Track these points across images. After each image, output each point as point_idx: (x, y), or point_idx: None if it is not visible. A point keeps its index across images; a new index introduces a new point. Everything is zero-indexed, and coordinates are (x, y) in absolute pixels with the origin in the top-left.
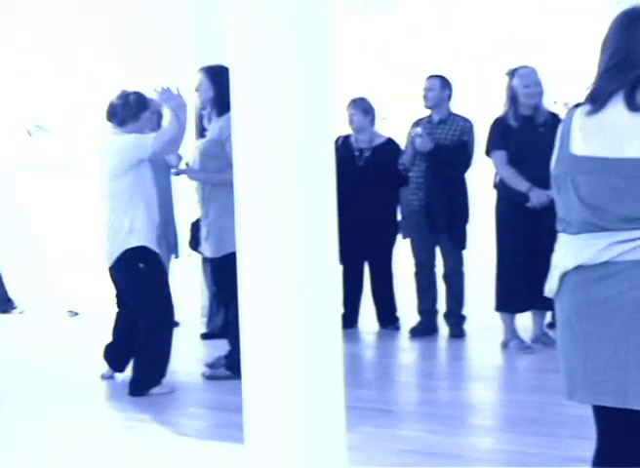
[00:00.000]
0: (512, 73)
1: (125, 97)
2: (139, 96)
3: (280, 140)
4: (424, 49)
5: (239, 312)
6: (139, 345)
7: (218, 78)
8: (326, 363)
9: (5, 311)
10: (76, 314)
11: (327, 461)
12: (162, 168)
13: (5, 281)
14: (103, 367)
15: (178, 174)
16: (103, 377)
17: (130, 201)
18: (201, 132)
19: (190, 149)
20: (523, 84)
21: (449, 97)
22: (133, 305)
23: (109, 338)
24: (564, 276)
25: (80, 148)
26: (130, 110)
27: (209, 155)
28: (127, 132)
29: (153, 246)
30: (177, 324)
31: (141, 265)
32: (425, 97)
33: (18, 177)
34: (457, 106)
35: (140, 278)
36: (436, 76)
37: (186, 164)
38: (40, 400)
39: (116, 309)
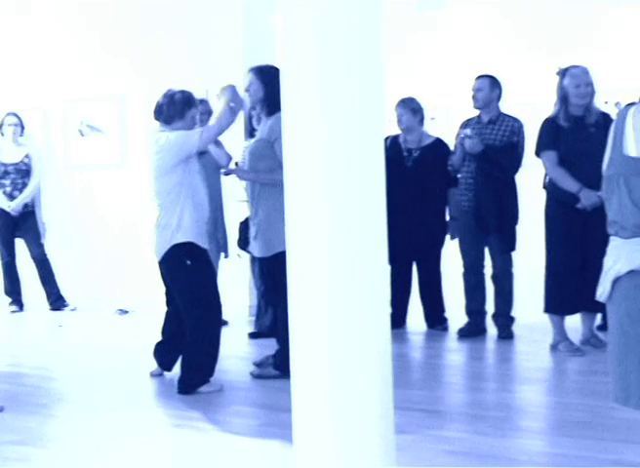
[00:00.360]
0: (563, 73)
1: (171, 95)
2: (184, 94)
3: (330, 141)
4: (474, 48)
5: (288, 312)
6: (186, 344)
7: (268, 78)
8: (374, 363)
9: (57, 308)
10: (125, 312)
11: (375, 461)
12: (212, 168)
13: (57, 279)
14: (153, 365)
15: (227, 173)
16: (153, 375)
17: (178, 198)
18: (250, 132)
19: (240, 149)
20: (574, 84)
21: (498, 97)
22: (179, 302)
23: (159, 337)
24: (616, 281)
25: (130, 147)
26: (175, 108)
27: (258, 155)
28: (173, 129)
29: (201, 243)
30: (225, 323)
31: (188, 262)
32: (474, 98)
33: (69, 176)
34: (506, 106)
35: (186, 275)
36: (485, 76)
37: (236, 163)
38: (90, 397)
39: (166, 307)
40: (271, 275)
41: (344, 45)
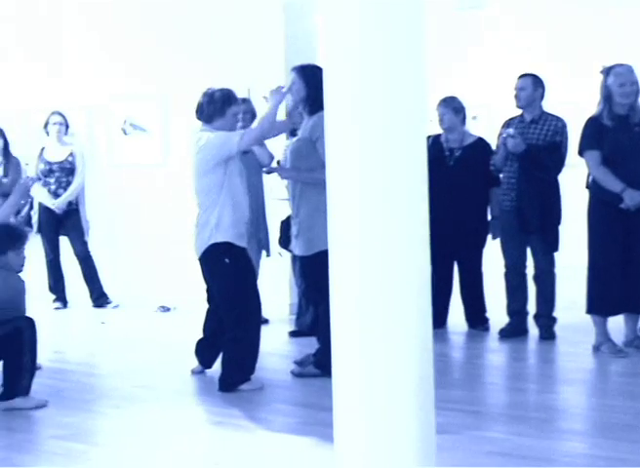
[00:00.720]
0: (607, 71)
1: (210, 94)
2: (224, 92)
3: (372, 140)
4: (516, 46)
5: (329, 311)
6: (225, 342)
7: (310, 77)
8: (416, 363)
9: (100, 305)
10: (167, 310)
11: (415, 461)
12: (254, 166)
13: (100, 276)
14: (194, 362)
15: (269, 172)
16: (194, 373)
17: (217, 197)
18: (292, 131)
19: (281, 148)
20: (618, 82)
21: (541, 96)
22: (218, 300)
23: (200, 334)
24: None
25: (173, 146)
26: (215, 107)
27: (300, 154)
28: (215, 128)
29: (239, 242)
30: (266, 321)
31: (227, 260)
32: (517, 97)
33: (112, 175)
34: (549, 105)
35: (225, 273)
36: (528, 75)
37: (277, 162)
38: (132, 393)
39: (207, 305)
40: (312, 274)
41: (386, 44)
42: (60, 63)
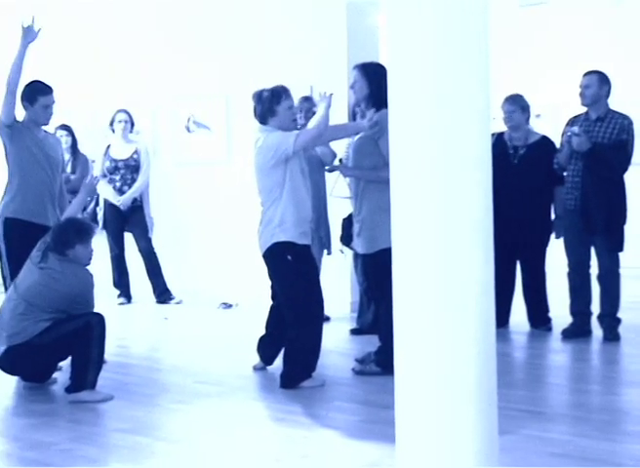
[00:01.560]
0: None
1: (258, 95)
2: (271, 91)
3: (436, 138)
4: (581, 43)
5: (391, 309)
6: (287, 339)
7: (373, 75)
8: (479, 362)
9: (163, 301)
10: (229, 306)
11: (477, 462)
12: (316, 164)
13: (164, 272)
14: (256, 358)
15: (331, 170)
16: (255, 369)
17: (279, 196)
18: None
19: (343, 146)
20: None
21: (607, 94)
22: (280, 297)
23: (262, 331)
24: None
25: (236, 144)
26: (264, 107)
27: (362, 152)
28: (271, 127)
29: (303, 241)
30: (327, 319)
31: (289, 257)
32: (582, 95)
33: (176, 172)
34: (615, 103)
35: (287, 270)
36: (594, 72)
37: (340, 160)
38: (194, 388)
39: (271, 302)
40: (374, 272)
41: (450, 41)
42: (125, 62)
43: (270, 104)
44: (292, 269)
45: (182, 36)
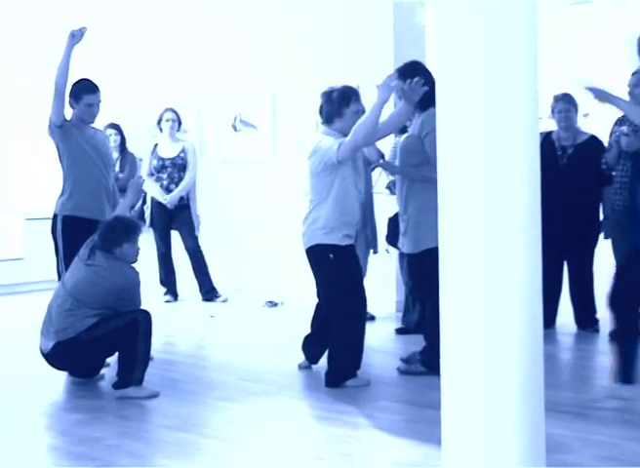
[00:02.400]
0: None
1: (328, 94)
2: (341, 91)
3: (484, 137)
4: (631, 41)
5: (437, 309)
6: (332, 338)
7: (413, 75)
8: (526, 363)
9: (209, 299)
10: (275, 305)
11: (524, 463)
12: (362, 163)
13: (210, 270)
14: (301, 357)
15: (373, 169)
16: (300, 367)
17: (326, 198)
18: (400, 128)
19: (389, 146)
20: None
21: None
22: (323, 296)
23: (308, 330)
24: None
25: (281, 143)
26: (332, 107)
27: (409, 151)
28: (334, 129)
29: (344, 242)
30: (372, 318)
31: (331, 256)
32: (631, 94)
33: (223, 171)
34: None
35: (329, 270)
36: None
37: (382, 157)
38: (239, 386)
39: (316, 300)
40: (419, 271)
41: (498, 40)
42: (173, 61)
43: (339, 106)
44: (334, 268)
45: (230, 35)
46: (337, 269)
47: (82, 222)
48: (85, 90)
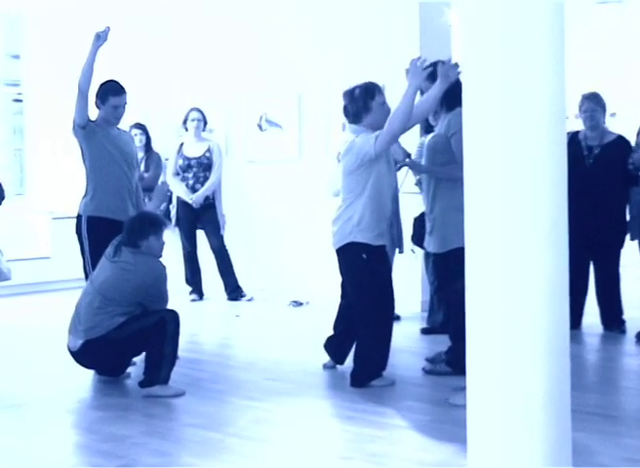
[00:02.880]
0: None
1: (350, 93)
2: (363, 87)
3: (511, 136)
4: None
5: (464, 309)
6: (358, 337)
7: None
8: (552, 364)
9: (235, 299)
10: (300, 304)
11: (550, 464)
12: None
13: (235, 270)
14: (326, 356)
15: (400, 168)
16: (325, 367)
17: (360, 196)
18: (426, 128)
19: (414, 145)
20: None
21: None
22: (351, 295)
23: (332, 330)
24: None
25: (307, 142)
26: (357, 104)
27: (436, 150)
28: (365, 126)
29: (378, 242)
30: (398, 318)
31: (364, 255)
32: None
33: (248, 170)
34: None
35: (361, 268)
36: None
37: (408, 157)
38: (265, 386)
39: (340, 300)
40: (445, 271)
41: (525, 39)
42: (198, 61)
43: (365, 101)
44: (365, 268)
45: (256, 34)
46: (367, 269)
47: (105, 223)
48: (111, 91)
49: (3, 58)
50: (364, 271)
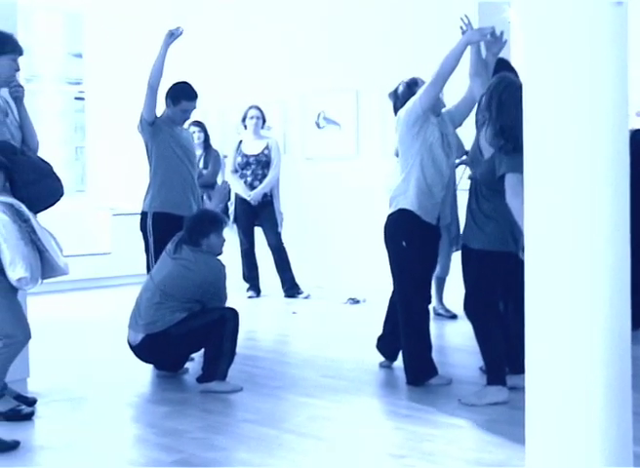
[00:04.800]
0: None
1: (394, 92)
2: (406, 83)
3: (571, 136)
4: None
5: (520, 309)
6: (402, 335)
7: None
8: (613, 365)
9: (291, 296)
10: (357, 302)
11: (610, 465)
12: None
13: (292, 267)
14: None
15: (457, 165)
16: (381, 366)
17: (413, 165)
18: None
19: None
20: None
21: None
22: (394, 284)
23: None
24: None
25: (364, 139)
26: (404, 98)
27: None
28: None
29: (424, 215)
30: (454, 316)
31: (404, 243)
32: None
33: (306, 168)
34: None
35: (401, 255)
36: None
37: (466, 153)
38: (321, 383)
39: (390, 298)
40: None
41: (586, 35)
42: (257, 59)
43: (410, 95)
44: (405, 252)
45: (313, 33)
46: (407, 257)
47: (170, 218)
48: (185, 96)
49: (65, 57)
50: (403, 256)
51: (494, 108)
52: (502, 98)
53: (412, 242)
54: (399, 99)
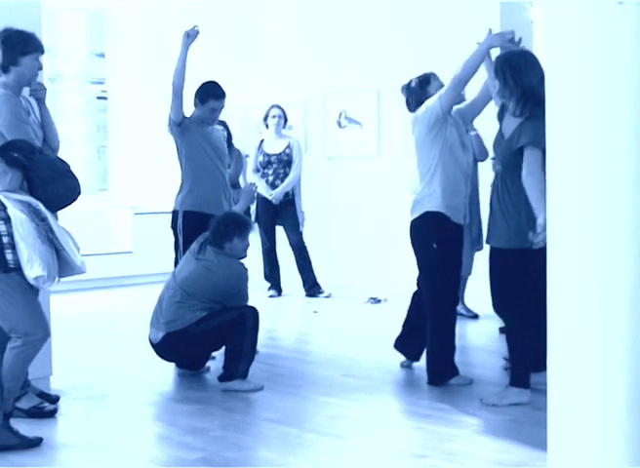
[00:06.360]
0: None
1: (407, 86)
2: (419, 78)
3: (594, 135)
4: None
5: (547, 309)
6: (427, 335)
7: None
8: (635, 365)
9: (313, 295)
10: (378, 301)
11: (634, 465)
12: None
13: (314, 266)
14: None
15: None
16: (402, 365)
17: (434, 169)
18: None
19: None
20: None
21: None
22: (423, 285)
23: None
24: None
25: (386, 139)
26: (417, 93)
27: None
28: None
29: (451, 214)
30: (476, 316)
31: (435, 245)
32: None
33: (327, 167)
34: None
35: (431, 256)
36: None
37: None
38: (342, 382)
39: (412, 297)
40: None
41: (609, 32)
42: (278, 59)
43: (422, 90)
44: (436, 256)
45: (335, 32)
46: (436, 259)
47: (202, 217)
48: (213, 95)
49: (88, 57)
50: (434, 260)
51: (509, 77)
52: (514, 64)
53: (442, 244)
54: (411, 95)
